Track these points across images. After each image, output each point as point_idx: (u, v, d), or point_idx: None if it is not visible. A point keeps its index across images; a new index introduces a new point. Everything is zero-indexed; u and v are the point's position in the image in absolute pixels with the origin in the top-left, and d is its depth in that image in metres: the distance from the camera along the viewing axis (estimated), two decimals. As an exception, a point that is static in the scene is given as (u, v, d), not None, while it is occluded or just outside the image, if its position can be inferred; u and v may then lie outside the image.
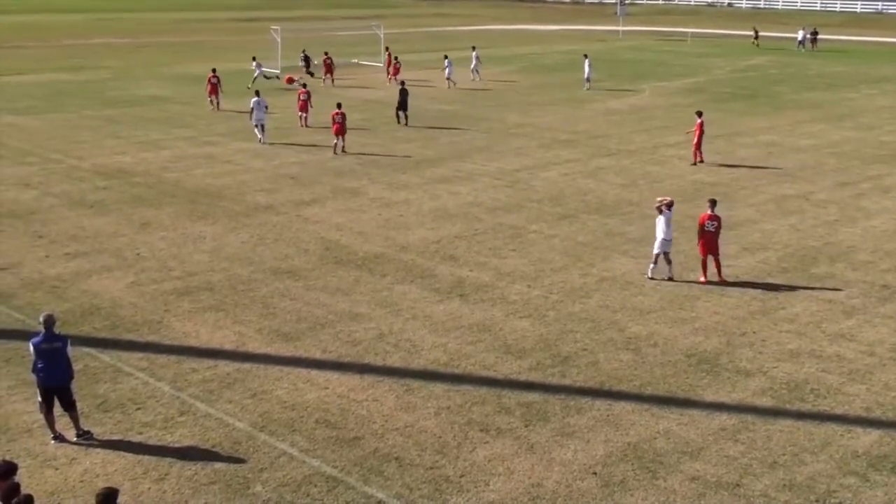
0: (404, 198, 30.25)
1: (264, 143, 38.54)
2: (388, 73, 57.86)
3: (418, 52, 73.31)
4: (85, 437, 15.15)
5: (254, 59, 57.41)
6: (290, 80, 56.91)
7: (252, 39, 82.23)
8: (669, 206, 22.91)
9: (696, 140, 35.16)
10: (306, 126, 42.18)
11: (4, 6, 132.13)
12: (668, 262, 22.88)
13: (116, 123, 43.18)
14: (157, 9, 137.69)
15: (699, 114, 35.43)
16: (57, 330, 15.15)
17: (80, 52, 75.14)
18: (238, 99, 48.21)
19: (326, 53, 57.95)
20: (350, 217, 28.02)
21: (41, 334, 14.93)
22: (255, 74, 55.97)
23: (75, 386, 15.30)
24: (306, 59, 60.56)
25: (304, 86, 43.77)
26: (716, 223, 22.62)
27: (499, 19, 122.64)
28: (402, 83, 44.99)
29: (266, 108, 39.35)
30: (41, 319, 15.08)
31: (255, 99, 39.16)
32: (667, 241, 22.69)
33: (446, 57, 56.97)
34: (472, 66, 59.14)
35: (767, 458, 14.88)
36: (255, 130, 39.10)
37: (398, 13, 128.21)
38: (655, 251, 22.89)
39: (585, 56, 56.85)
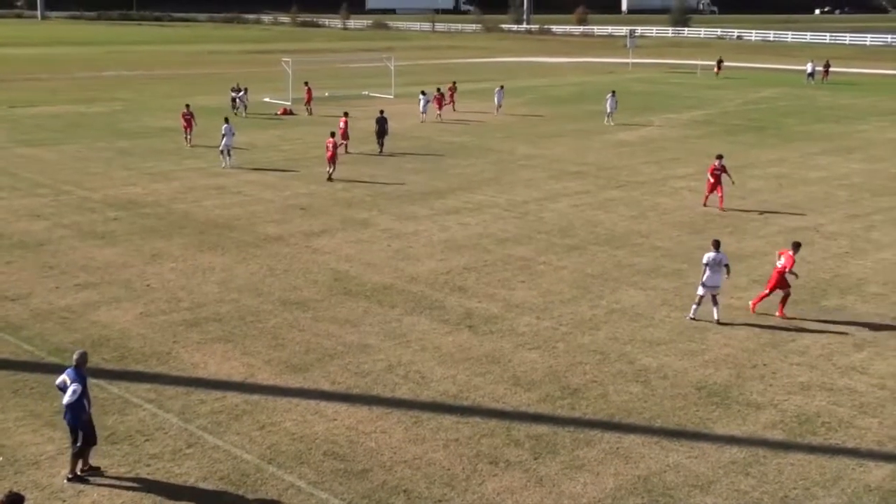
0: (413, 229, 30.28)
1: (227, 167, 39.69)
2: (451, 102, 58.98)
3: (429, 84, 73.59)
4: (73, 481, 14.80)
5: (245, 89, 57.89)
6: (286, 112, 57.93)
7: (264, 71, 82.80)
8: (717, 245, 21.96)
9: (714, 182, 33.27)
10: (347, 152, 42.81)
11: (19, 39, 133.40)
12: (715, 303, 21.97)
13: (128, 155, 43.41)
14: (169, 42, 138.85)
15: (720, 157, 33.45)
16: (82, 370, 14.83)
17: (92, 85, 75.75)
18: (249, 130, 48.49)
19: (306, 83, 59.51)
20: (359, 248, 28.05)
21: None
22: (240, 104, 56.43)
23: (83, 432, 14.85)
24: (237, 93, 57.96)
25: (346, 114, 44.53)
26: (783, 260, 22.13)
27: (509, 52, 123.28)
28: (382, 112, 45.29)
29: (234, 134, 40.55)
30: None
31: (225, 126, 40.08)
32: (711, 287, 21.72)
33: (423, 93, 56.54)
34: (497, 101, 58.77)
35: (778, 492, 14.75)
36: (221, 156, 40.23)
37: (409, 45, 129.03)
38: (699, 293, 21.99)
39: (613, 93, 56.54)
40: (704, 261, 21.88)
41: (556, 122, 55.73)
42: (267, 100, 63.35)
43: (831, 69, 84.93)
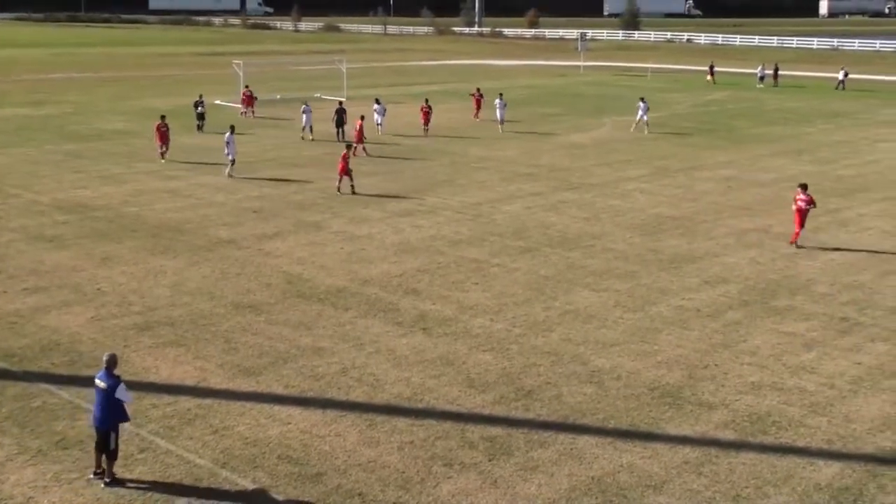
0: (367, 231, 30.22)
1: (230, 176, 38.60)
2: (476, 109, 58.12)
3: (382, 86, 73.53)
4: (111, 484, 14.76)
5: (306, 103, 51.50)
6: (247, 99, 57.96)
7: (215, 74, 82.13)
8: None
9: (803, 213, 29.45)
10: (367, 155, 43.59)
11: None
12: None
13: (78, 158, 42.85)
14: (118, 43, 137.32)
15: (804, 187, 29.75)
16: (117, 372, 14.92)
17: (41, 87, 74.67)
18: (202, 134, 47.96)
19: (247, 86, 59.03)
20: (313, 251, 27.93)
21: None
22: (305, 122, 49.34)
23: (118, 435, 14.92)
24: (198, 107, 51.75)
25: (362, 117, 45.21)
26: None
27: (461, 54, 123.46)
28: (340, 103, 47.34)
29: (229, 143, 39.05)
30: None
31: (231, 134, 38.82)
32: None
33: (378, 101, 51.99)
34: (498, 113, 53.92)
35: (730, 492, 14.92)
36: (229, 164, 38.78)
37: (361, 48, 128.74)
38: None
39: (642, 99, 55.48)
40: None
41: (508, 125, 55.74)
42: (218, 102, 62.88)
43: (780, 72, 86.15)
